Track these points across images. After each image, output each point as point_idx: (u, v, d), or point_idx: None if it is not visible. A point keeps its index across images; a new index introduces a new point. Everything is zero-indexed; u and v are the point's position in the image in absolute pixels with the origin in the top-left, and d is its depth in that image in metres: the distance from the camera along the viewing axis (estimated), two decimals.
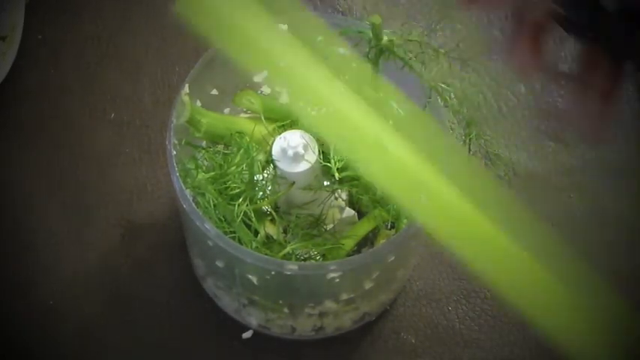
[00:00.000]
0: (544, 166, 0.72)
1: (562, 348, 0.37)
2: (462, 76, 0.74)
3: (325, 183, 0.60)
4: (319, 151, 0.58)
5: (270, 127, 0.61)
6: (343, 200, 0.62)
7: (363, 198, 0.61)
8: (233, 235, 0.56)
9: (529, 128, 0.74)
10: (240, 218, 0.56)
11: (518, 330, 0.66)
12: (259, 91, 0.65)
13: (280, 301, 0.60)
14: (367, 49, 0.58)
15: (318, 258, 0.58)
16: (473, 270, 0.39)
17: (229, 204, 0.56)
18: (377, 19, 0.57)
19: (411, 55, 0.58)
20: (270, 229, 0.59)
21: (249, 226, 0.58)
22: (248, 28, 0.40)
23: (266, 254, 0.55)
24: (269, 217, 0.59)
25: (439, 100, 0.58)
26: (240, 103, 0.62)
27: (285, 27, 0.61)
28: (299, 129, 0.59)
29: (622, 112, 0.68)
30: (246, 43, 0.40)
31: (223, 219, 0.56)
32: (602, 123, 0.40)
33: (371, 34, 0.58)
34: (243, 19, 0.41)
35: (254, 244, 0.57)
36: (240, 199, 0.56)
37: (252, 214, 0.57)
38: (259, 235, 0.58)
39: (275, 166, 0.58)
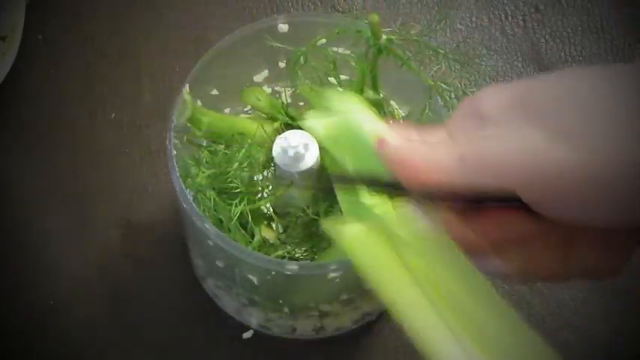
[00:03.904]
0: None
1: None
2: (461, 76, 0.74)
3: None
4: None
5: (272, 126, 0.61)
6: None
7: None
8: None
9: None
10: (236, 219, 0.56)
11: None
12: None
13: (280, 301, 0.60)
14: (365, 49, 0.58)
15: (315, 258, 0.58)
16: None
17: (228, 204, 0.56)
18: (374, 17, 0.56)
19: (409, 54, 0.57)
20: (267, 233, 0.59)
21: (246, 229, 0.57)
22: None
23: None
24: (266, 222, 0.59)
25: (439, 100, 0.58)
26: (248, 99, 0.62)
27: (285, 27, 0.61)
28: (300, 129, 0.59)
29: None
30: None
31: (221, 220, 0.56)
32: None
33: (369, 33, 0.58)
34: None
35: (250, 248, 0.57)
36: (237, 199, 0.56)
37: (250, 216, 0.57)
38: (255, 239, 0.58)
39: (275, 166, 0.58)
